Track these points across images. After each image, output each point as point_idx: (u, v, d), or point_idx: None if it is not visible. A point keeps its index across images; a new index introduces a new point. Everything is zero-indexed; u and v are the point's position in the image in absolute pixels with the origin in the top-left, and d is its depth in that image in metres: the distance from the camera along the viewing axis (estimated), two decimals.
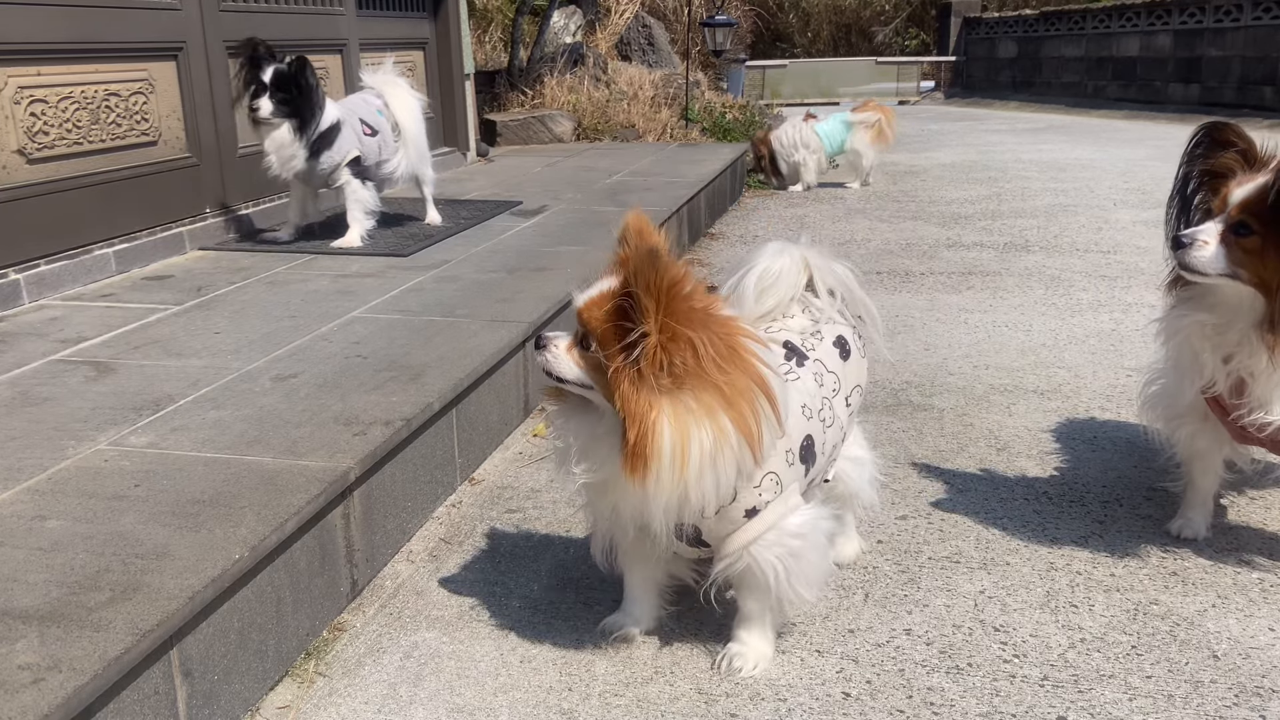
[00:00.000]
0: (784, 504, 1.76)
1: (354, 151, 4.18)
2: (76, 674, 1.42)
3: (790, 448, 1.77)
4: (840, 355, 1.97)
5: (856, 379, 2.02)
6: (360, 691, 1.85)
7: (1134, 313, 4.16)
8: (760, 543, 1.75)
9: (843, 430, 1.97)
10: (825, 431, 1.88)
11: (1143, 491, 2.56)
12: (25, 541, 1.78)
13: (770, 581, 1.77)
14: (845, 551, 2.25)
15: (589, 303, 1.66)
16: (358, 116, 4.25)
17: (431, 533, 2.45)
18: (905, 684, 1.83)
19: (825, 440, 1.88)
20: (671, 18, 13.40)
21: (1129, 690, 1.80)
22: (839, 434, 1.96)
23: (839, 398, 1.94)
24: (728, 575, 1.82)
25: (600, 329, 1.62)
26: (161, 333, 3.07)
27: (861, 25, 21.86)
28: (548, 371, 1.70)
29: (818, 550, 1.81)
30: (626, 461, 1.59)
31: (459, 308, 3.27)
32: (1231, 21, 12.92)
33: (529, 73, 9.27)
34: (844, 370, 1.97)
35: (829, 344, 1.96)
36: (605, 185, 5.97)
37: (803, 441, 1.80)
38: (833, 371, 1.94)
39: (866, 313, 2.09)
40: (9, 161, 3.48)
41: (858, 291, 2.07)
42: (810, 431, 1.83)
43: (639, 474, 1.59)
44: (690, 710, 1.78)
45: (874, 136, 7.60)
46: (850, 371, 1.99)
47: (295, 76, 3.92)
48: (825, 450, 1.89)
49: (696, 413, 1.58)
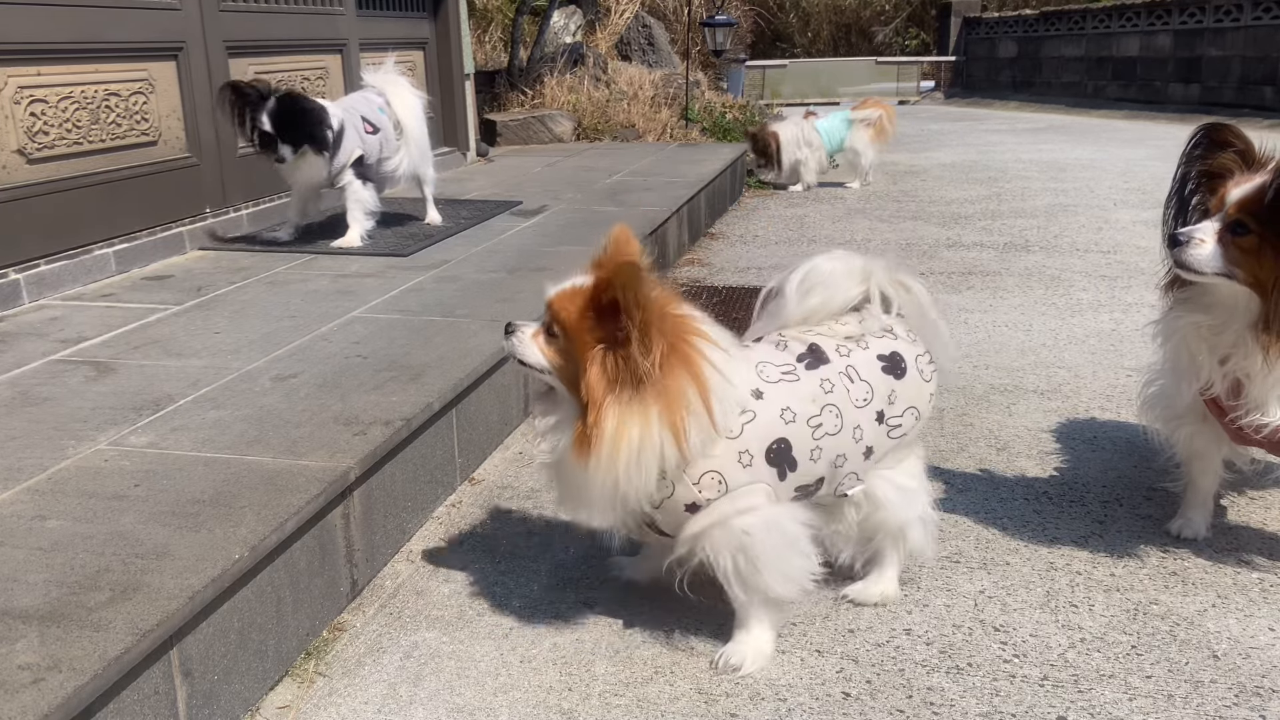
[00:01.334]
0: (732, 503, 1.79)
1: (358, 151, 4.18)
2: (76, 674, 1.42)
3: (747, 449, 1.79)
4: (887, 370, 1.92)
5: (912, 400, 1.94)
6: (360, 691, 1.85)
7: (1134, 313, 4.16)
8: (707, 537, 1.81)
9: (861, 444, 1.90)
10: (817, 439, 1.84)
11: (1143, 491, 2.56)
12: (25, 541, 1.78)
13: (730, 573, 1.82)
14: (870, 591, 2.07)
15: (561, 295, 1.76)
16: (359, 114, 4.25)
17: (431, 532, 2.45)
18: (905, 684, 1.83)
19: (818, 448, 1.85)
20: (671, 18, 13.40)
21: (1129, 690, 1.80)
22: (851, 445, 1.89)
23: (868, 410, 1.89)
24: (686, 566, 1.87)
25: (570, 321, 1.72)
26: (161, 333, 3.07)
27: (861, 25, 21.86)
28: (512, 355, 1.82)
29: (775, 549, 1.82)
30: (575, 444, 1.70)
31: (459, 307, 3.27)
32: (1231, 21, 12.92)
33: (529, 73, 9.27)
34: (889, 386, 1.92)
35: (871, 355, 1.92)
36: (605, 185, 5.97)
37: (772, 444, 1.81)
38: (865, 381, 1.89)
39: (935, 334, 2.02)
40: (9, 161, 3.48)
41: (930, 312, 2.01)
42: (786, 436, 1.82)
43: (583, 459, 1.70)
44: (690, 710, 1.78)
45: (874, 134, 7.59)
46: (905, 390, 1.93)
47: (290, 108, 3.92)
48: (817, 458, 1.85)
49: (633, 405, 1.67)
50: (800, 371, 1.87)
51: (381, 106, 4.36)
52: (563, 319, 1.74)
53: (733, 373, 1.76)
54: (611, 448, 1.67)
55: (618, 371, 1.67)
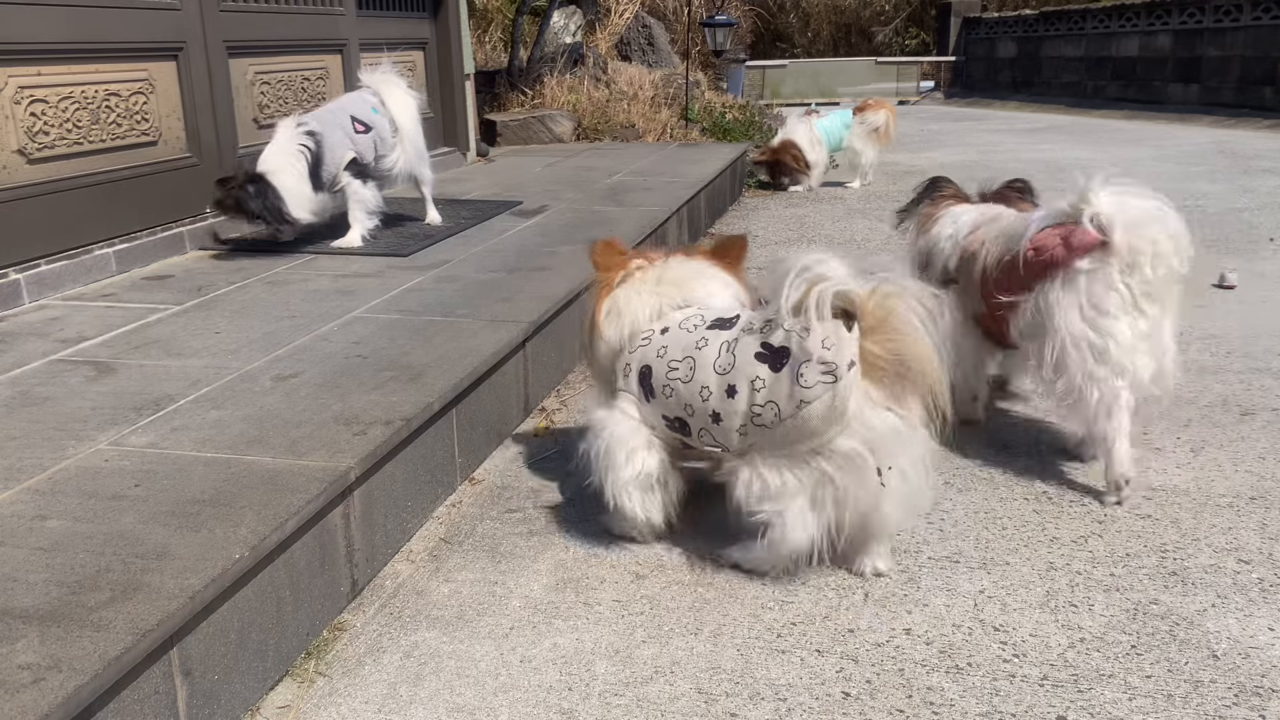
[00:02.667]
0: (595, 402, 2.39)
1: (349, 154, 4.18)
2: (77, 674, 1.42)
3: (629, 363, 2.28)
4: (761, 358, 2.04)
5: (774, 396, 2.01)
6: (360, 691, 1.85)
7: None
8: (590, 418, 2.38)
9: (708, 406, 2.11)
10: (670, 379, 2.18)
11: (1142, 491, 2.56)
12: (25, 541, 1.78)
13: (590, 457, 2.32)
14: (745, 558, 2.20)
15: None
16: (348, 114, 4.24)
17: (432, 532, 2.45)
18: (905, 683, 1.83)
19: (669, 386, 2.18)
20: (671, 18, 13.40)
21: (1128, 690, 1.80)
22: (698, 401, 2.13)
23: (721, 380, 2.09)
24: None
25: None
26: (162, 332, 3.07)
27: (861, 25, 21.84)
28: None
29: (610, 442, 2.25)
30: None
31: (459, 307, 3.27)
32: (1231, 21, 12.91)
33: (529, 73, 9.27)
34: (757, 372, 2.04)
35: (757, 342, 2.05)
36: (605, 185, 5.97)
37: (642, 368, 2.25)
38: (734, 355, 2.08)
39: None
40: (9, 161, 3.48)
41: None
42: (652, 365, 2.23)
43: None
44: (690, 710, 1.78)
45: (876, 134, 7.58)
46: (774, 385, 2.01)
47: (239, 195, 3.95)
48: (668, 395, 2.18)
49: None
50: (701, 329, 2.17)
51: (375, 106, 4.36)
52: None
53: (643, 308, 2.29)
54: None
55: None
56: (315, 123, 4.13)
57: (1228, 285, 4.50)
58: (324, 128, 4.13)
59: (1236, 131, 11.11)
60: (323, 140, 4.10)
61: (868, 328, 1.96)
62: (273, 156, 4.02)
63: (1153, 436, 2.90)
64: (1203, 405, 3.13)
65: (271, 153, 4.03)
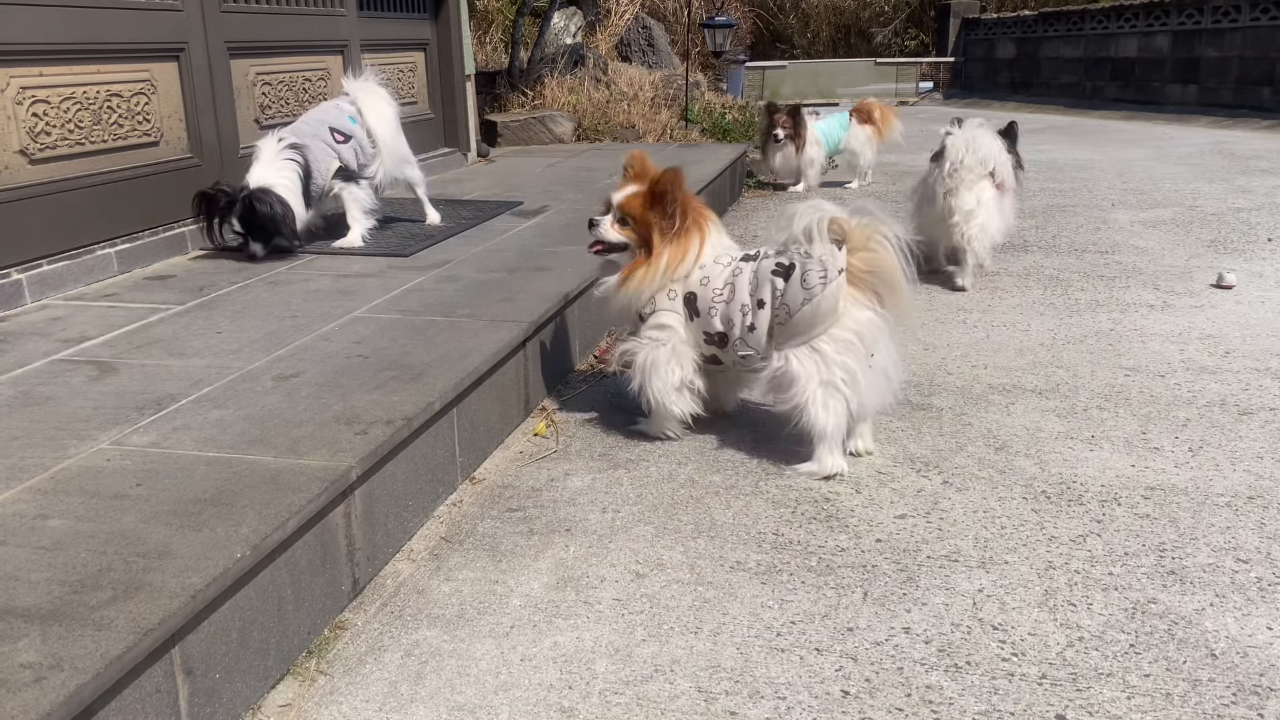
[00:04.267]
0: (656, 318, 2.86)
1: (334, 163, 4.20)
2: (78, 672, 1.42)
3: (673, 289, 2.83)
4: (776, 273, 2.70)
5: (787, 300, 2.67)
6: (361, 689, 1.86)
7: (1132, 313, 4.17)
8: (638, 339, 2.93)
9: (746, 318, 2.74)
10: (715, 301, 2.79)
11: (1141, 491, 2.57)
12: (27, 540, 1.79)
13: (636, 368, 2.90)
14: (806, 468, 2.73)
15: (626, 197, 2.85)
16: (326, 126, 4.24)
17: (432, 531, 2.46)
18: (904, 682, 1.84)
19: (714, 307, 2.79)
20: (671, 19, 13.42)
21: (1127, 689, 1.81)
22: (738, 316, 2.75)
23: (752, 296, 2.74)
24: None
25: (637, 210, 2.83)
26: (163, 332, 3.07)
27: (861, 26, 21.84)
28: (600, 240, 2.90)
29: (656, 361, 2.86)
30: (620, 279, 2.87)
31: (460, 307, 3.28)
32: (1230, 22, 12.92)
33: (529, 73, 9.28)
34: (776, 283, 2.69)
35: (773, 263, 2.72)
36: (606, 185, 5.96)
37: (687, 294, 2.83)
38: (759, 277, 2.74)
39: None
40: (11, 162, 3.49)
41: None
42: (696, 292, 2.81)
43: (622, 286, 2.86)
44: (690, 709, 1.78)
45: (876, 134, 7.59)
46: (787, 289, 2.67)
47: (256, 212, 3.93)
48: (713, 315, 2.79)
49: (668, 246, 2.83)
50: (736, 262, 2.80)
51: (353, 115, 4.35)
52: (631, 210, 2.84)
53: (705, 248, 2.84)
54: (662, 267, 2.80)
55: (665, 232, 2.81)
56: (295, 137, 4.13)
57: (1226, 285, 4.51)
58: (306, 141, 4.14)
59: (1235, 132, 11.12)
60: (309, 153, 4.12)
61: (853, 248, 2.64)
62: (269, 175, 4.00)
63: (1151, 436, 2.91)
64: (1201, 405, 3.14)
65: (264, 172, 4.00)
